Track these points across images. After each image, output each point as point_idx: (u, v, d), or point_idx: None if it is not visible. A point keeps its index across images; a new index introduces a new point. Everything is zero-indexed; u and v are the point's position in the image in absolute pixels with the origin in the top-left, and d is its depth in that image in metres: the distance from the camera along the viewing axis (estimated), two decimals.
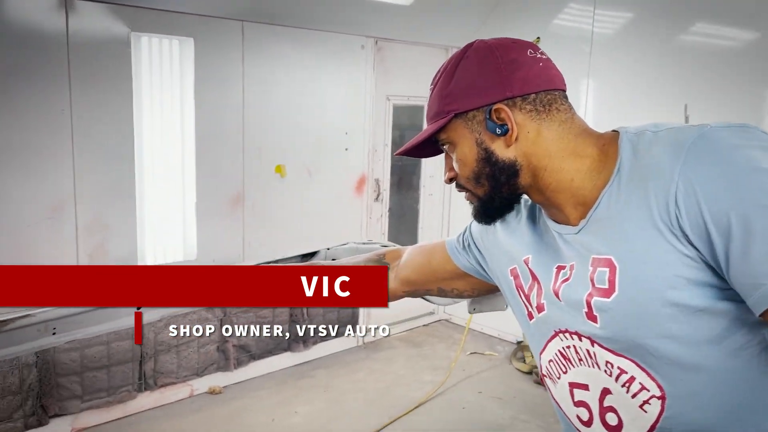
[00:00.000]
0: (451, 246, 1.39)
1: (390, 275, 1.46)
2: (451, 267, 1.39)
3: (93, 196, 3.68)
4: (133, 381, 4.00)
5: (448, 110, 1.11)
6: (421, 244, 1.54)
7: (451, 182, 1.19)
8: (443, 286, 1.43)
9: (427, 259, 1.44)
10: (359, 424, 3.95)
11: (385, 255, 1.55)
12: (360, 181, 5.09)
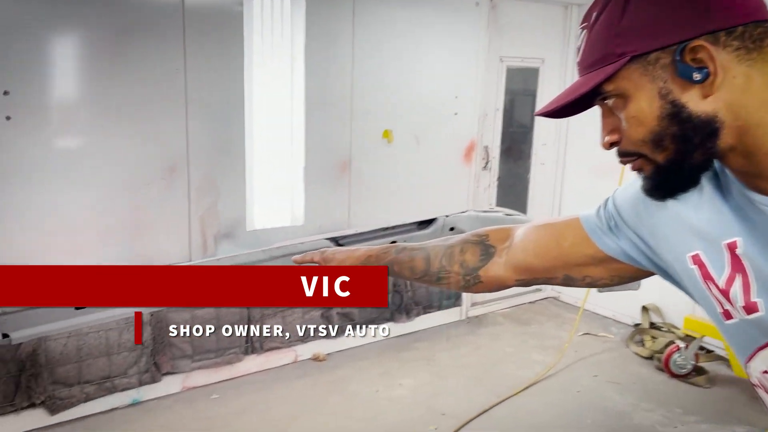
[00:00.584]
0: (591, 224, 1.10)
1: (497, 260, 1.22)
2: (589, 250, 1.11)
3: (205, 158, 3.67)
4: (241, 344, 4.02)
5: (621, 52, 0.84)
6: (539, 221, 1.24)
7: (611, 147, 0.92)
8: (572, 274, 1.15)
9: (554, 241, 1.16)
10: (465, 402, 3.79)
11: (489, 236, 1.26)
12: (468, 148, 4.84)
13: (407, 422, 3.53)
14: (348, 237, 2.50)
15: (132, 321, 3.49)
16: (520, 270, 1.20)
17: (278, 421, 3.50)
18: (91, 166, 3.31)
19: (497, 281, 1.23)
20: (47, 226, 3.22)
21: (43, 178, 3.16)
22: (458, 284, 1.28)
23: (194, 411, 3.61)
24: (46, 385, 3.33)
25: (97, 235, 3.38)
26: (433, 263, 1.30)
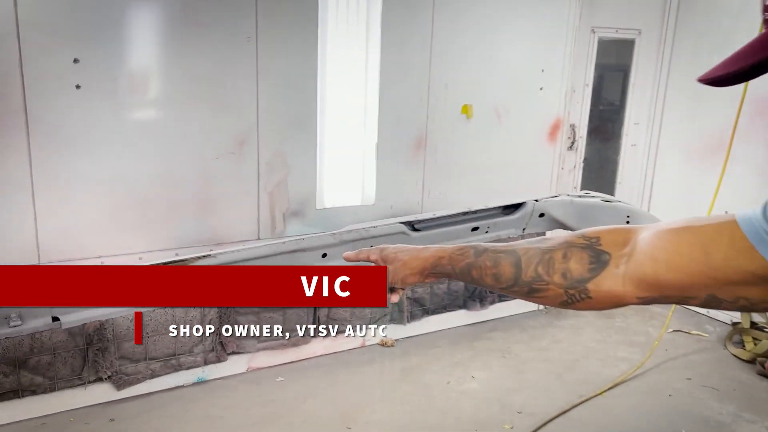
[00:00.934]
0: (756, 230, 0.82)
1: (612, 270, 0.95)
2: (752, 265, 0.83)
3: (275, 132, 3.51)
4: (308, 326, 3.88)
5: None
6: (674, 222, 0.94)
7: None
8: (721, 294, 0.87)
9: (700, 250, 0.87)
10: (544, 399, 3.51)
11: (601, 238, 0.99)
12: (554, 126, 4.49)
13: (480, 419, 3.29)
14: (424, 221, 2.26)
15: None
16: (646, 285, 0.92)
17: (345, 409, 3.34)
18: (161, 137, 3.21)
19: (612, 297, 0.96)
20: (115, 198, 3.14)
21: (111, 148, 3.08)
22: (558, 298, 1.01)
23: (259, 393, 3.50)
24: (113, 360, 3.29)
25: (166, 208, 3.29)
26: (526, 270, 1.04)
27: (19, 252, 2.95)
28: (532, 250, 1.04)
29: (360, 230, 2.00)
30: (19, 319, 1.52)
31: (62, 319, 1.56)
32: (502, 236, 2.37)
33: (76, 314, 1.60)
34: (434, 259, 1.16)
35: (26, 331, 1.53)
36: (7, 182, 2.87)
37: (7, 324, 1.53)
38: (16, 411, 3.10)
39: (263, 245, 1.87)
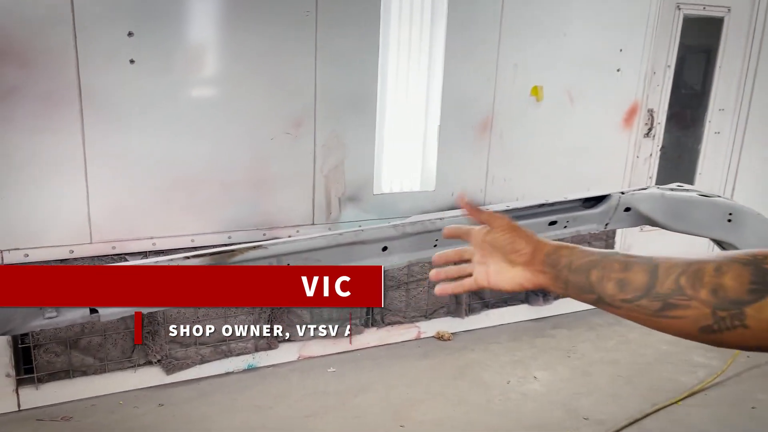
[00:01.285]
0: None
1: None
2: None
3: (333, 112, 3.34)
4: (361, 315, 3.73)
5: None
6: None
7: None
8: None
9: None
10: (613, 406, 3.26)
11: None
12: (630, 110, 4.17)
13: (543, 424, 3.07)
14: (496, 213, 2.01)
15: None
16: None
17: (398, 405, 3.18)
18: (215, 116, 3.08)
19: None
20: (168, 177, 3.04)
21: (165, 126, 2.97)
22: (700, 321, 0.78)
23: (310, 383, 3.38)
24: (163, 343, 3.21)
25: (219, 190, 3.17)
26: (663, 280, 0.81)
27: (73, 230, 2.89)
28: (674, 258, 0.82)
29: (425, 222, 1.79)
30: (55, 311, 1.39)
31: (101, 312, 1.42)
32: (582, 232, 2.13)
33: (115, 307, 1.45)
34: (554, 247, 0.95)
35: (62, 324, 1.40)
36: (60, 158, 2.79)
37: (42, 316, 1.39)
38: (66, 391, 3.06)
39: (319, 236, 1.68)
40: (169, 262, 1.53)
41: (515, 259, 0.98)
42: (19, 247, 2.80)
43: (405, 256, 1.85)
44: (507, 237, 0.99)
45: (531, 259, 0.97)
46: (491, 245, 1.01)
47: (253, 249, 1.64)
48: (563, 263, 0.93)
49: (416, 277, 3.81)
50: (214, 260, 1.58)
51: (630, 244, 4.54)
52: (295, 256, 1.68)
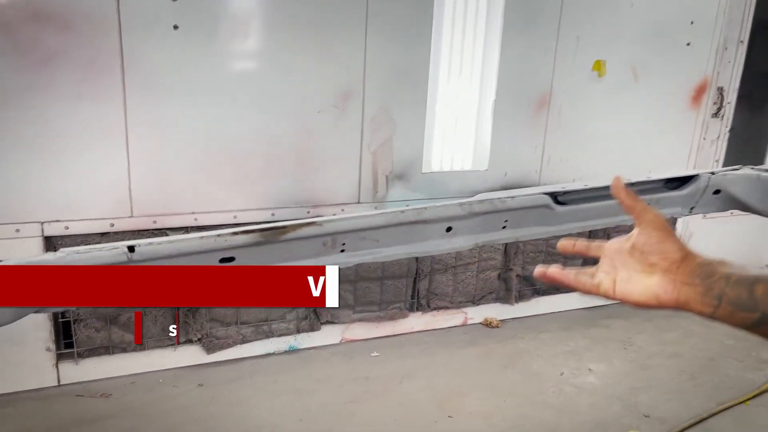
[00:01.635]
0: None
1: None
2: None
3: (383, 85, 3.16)
4: (406, 298, 3.58)
5: None
6: None
7: None
8: None
9: None
10: (676, 403, 3.05)
11: None
12: (699, 88, 3.89)
13: (600, 420, 2.89)
14: (570, 193, 1.85)
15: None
16: None
17: (444, 395, 3.03)
18: (260, 86, 2.93)
19: None
20: (211, 150, 2.91)
21: (208, 96, 2.83)
22: None
23: (353, 367, 3.25)
24: (204, 322, 3.12)
25: (263, 164, 3.04)
26: None
27: (113, 203, 2.79)
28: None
29: (494, 201, 1.61)
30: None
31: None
32: (665, 215, 1.91)
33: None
34: (707, 258, 0.77)
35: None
36: (101, 127, 2.69)
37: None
38: (106, 367, 3.00)
39: (378, 214, 1.52)
40: (217, 237, 1.39)
41: (658, 263, 0.81)
42: (59, 219, 2.71)
43: (471, 238, 1.67)
44: (656, 235, 0.82)
45: (678, 266, 0.80)
46: (631, 248, 0.84)
47: (307, 226, 1.48)
48: (720, 274, 0.75)
49: (464, 261, 3.63)
50: (264, 236, 1.43)
51: (692, 232, 4.27)
52: (352, 235, 1.52)
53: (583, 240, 0.98)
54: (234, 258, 1.44)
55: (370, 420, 2.80)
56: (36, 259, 1.19)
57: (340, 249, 1.56)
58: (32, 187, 2.64)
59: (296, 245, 1.49)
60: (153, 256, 1.32)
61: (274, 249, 1.47)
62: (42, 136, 2.60)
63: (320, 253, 1.54)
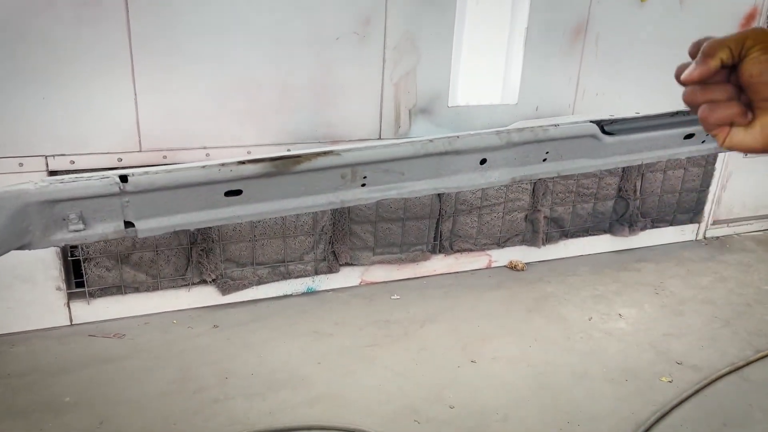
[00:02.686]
0: None
1: None
2: None
3: (406, 9, 2.92)
4: (428, 240, 3.43)
5: None
6: None
7: None
8: None
9: None
10: (710, 350, 2.91)
11: None
12: (748, 16, 3.57)
13: (631, 367, 2.76)
14: (619, 122, 1.64)
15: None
16: None
17: (468, 339, 2.91)
18: (274, 10, 2.71)
19: None
20: (223, 80, 2.72)
21: (218, 21, 2.62)
22: None
23: (372, 310, 3.14)
24: (218, 262, 3.00)
25: (279, 96, 2.85)
26: None
27: (121, 136, 2.64)
28: None
29: (535, 129, 1.42)
30: (81, 223, 1.10)
31: (137, 225, 1.13)
32: (721, 148, 1.70)
33: (156, 220, 1.16)
34: None
35: (92, 238, 1.12)
36: (104, 57, 2.50)
37: (65, 227, 1.11)
38: (119, 307, 2.92)
39: (404, 143, 1.34)
40: (221, 167, 1.22)
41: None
42: (65, 153, 2.57)
43: (507, 171, 1.49)
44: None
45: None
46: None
47: (324, 155, 1.31)
48: None
49: (490, 202, 3.45)
50: (275, 167, 1.26)
51: (731, 171, 4.03)
52: (374, 167, 1.35)
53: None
54: (241, 191, 1.27)
55: (391, 364, 2.70)
56: (14, 188, 1.04)
57: (361, 183, 1.39)
58: (35, 119, 2.49)
59: (311, 177, 1.33)
60: (148, 188, 1.17)
61: (286, 181, 1.30)
62: (44, 64, 2.42)
63: (339, 187, 1.38)
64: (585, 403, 2.49)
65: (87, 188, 1.09)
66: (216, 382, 2.53)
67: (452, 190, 1.45)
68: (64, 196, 1.07)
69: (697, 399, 2.57)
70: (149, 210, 1.19)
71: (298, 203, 1.34)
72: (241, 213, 1.27)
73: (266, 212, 1.32)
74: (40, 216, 1.07)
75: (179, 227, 1.25)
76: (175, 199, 1.20)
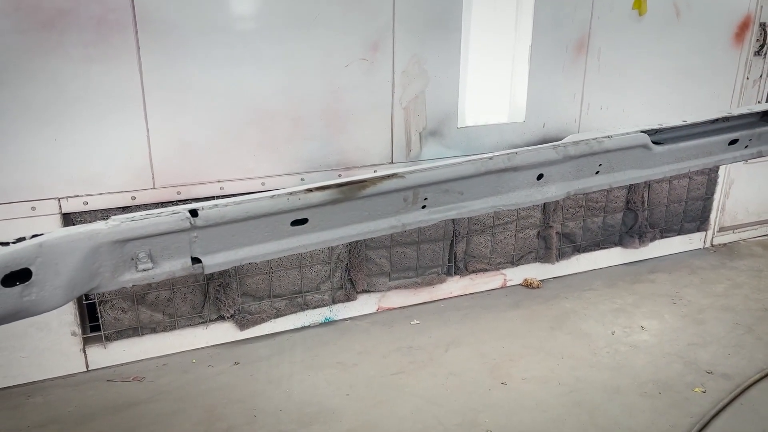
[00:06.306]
0: None
1: None
2: None
3: (413, 34, 2.93)
4: (443, 262, 3.39)
5: None
6: None
7: None
8: None
9: None
10: (738, 358, 2.90)
11: None
12: (741, 25, 3.65)
13: (663, 379, 2.73)
14: (668, 131, 1.64)
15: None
16: None
17: (495, 361, 2.87)
18: (284, 40, 2.69)
19: None
20: (234, 112, 2.69)
21: (228, 52, 2.60)
22: None
23: (394, 337, 3.08)
24: (235, 297, 2.94)
25: (290, 125, 2.82)
26: None
27: (134, 174, 2.58)
28: None
29: (591, 142, 1.41)
30: (150, 261, 1.05)
31: (204, 261, 1.08)
32: (764, 152, 1.72)
33: (223, 255, 1.12)
34: None
35: (159, 277, 1.08)
36: (116, 92, 2.46)
37: (134, 267, 1.06)
38: (136, 349, 2.83)
39: (465, 161, 1.32)
40: (289, 196, 1.19)
41: None
42: (78, 194, 2.51)
43: (563, 186, 1.48)
44: None
45: None
46: None
47: (388, 178, 1.29)
48: None
49: (503, 221, 3.44)
50: (342, 193, 1.23)
51: (733, 179, 4.08)
52: (435, 188, 1.33)
53: None
54: (307, 220, 1.24)
55: (421, 391, 2.65)
56: (86, 229, 0.99)
57: (422, 205, 1.36)
58: (47, 161, 2.43)
59: (375, 201, 1.30)
60: (219, 221, 1.13)
61: (350, 207, 1.27)
62: (54, 104, 2.37)
63: (400, 210, 1.35)
64: (623, 419, 2.46)
65: (158, 225, 1.05)
66: (245, 420, 2.45)
67: (510, 208, 1.43)
68: (136, 234, 1.03)
69: (733, 408, 2.54)
70: (216, 244, 1.14)
71: (361, 229, 1.30)
72: (306, 242, 1.23)
73: (331, 240, 1.29)
74: (110, 256, 1.02)
75: (246, 261, 1.21)
76: (241, 231, 1.16)
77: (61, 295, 0.99)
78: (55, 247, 0.97)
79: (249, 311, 2.99)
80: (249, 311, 2.99)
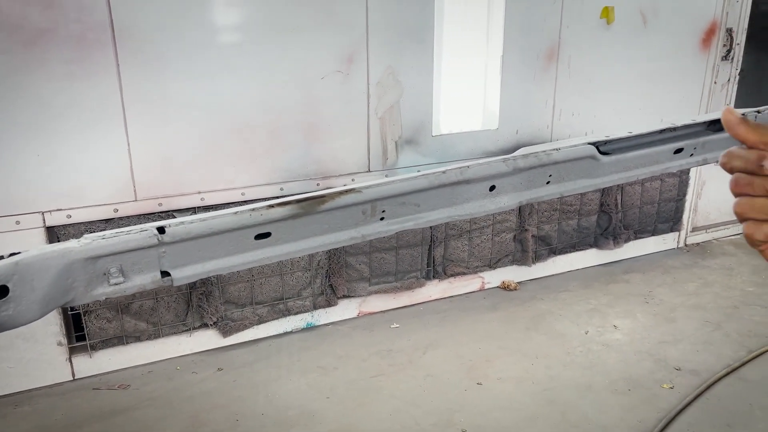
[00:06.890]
0: None
1: None
2: None
3: (387, 46, 3.02)
4: (422, 267, 3.48)
5: None
6: None
7: None
8: None
9: None
10: (705, 354, 3.00)
11: None
12: (708, 31, 3.76)
13: (633, 376, 2.83)
14: (614, 142, 1.72)
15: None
16: None
17: (471, 362, 2.96)
18: (260, 54, 2.78)
19: None
20: (214, 125, 2.77)
21: (206, 67, 2.68)
22: None
23: (374, 341, 3.17)
24: (218, 305, 3.01)
25: (268, 137, 2.90)
26: None
27: (116, 186, 2.66)
28: None
29: (540, 154, 1.49)
30: (121, 275, 1.13)
31: (173, 274, 1.16)
32: (709, 160, 1.81)
33: (191, 268, 1.20)
34: None
35: (131, 290, 1.15)
36: (97, 107, 2.54)
37: (107, 281, 1.14)
38: (121, 357, 2.90)
39: (419, 176, 1.40)
40: (251, 212, 1.26)
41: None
42: (61, 208, 2.58)
43: (515, 196, 1.56)
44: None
45: None
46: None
47: (346, 193, 1.36)
48: None
49: (479, 225, 3.53)
50: (302, 208, 1.31)
51: (704, 180, 4.19)
52: (391, 201, 1.41)
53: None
54: (270, 234, 1.32)
55: (399, 393, 2.73)
56: (59, 247, 1.07)
57: (380, 217, 1.44)
58: (30, 176, 2.50)
59: (334, 215, 1.38)
60: (185, 237, 1.20)
61: (311, 221, 1.35)
62: (37, 120, 2.45)
63: (359, 223, 1.43)
64: (593, 416, 2.55)
65: (128, 242, 1.12)
66: (228, 425, 2.52)
67: (464, 217, 1.52)
68: (107, 251, 1.10)
69: (699, 403, 2.64)
70: (184, 258, 1.22)
71: (323, 240, 1.38)
72: (270, 254, 1.31)
73: (294, 252, 1.37)
74: (83, 272, 1.09)
75: (212, 273, 1.29)
76: (208, 246, 1.24)
77: (37, 310, 1.06)
78: (30, 265, 1.04)
79: (232, 318, 3.07)
80: (232, 318, 3.07)
